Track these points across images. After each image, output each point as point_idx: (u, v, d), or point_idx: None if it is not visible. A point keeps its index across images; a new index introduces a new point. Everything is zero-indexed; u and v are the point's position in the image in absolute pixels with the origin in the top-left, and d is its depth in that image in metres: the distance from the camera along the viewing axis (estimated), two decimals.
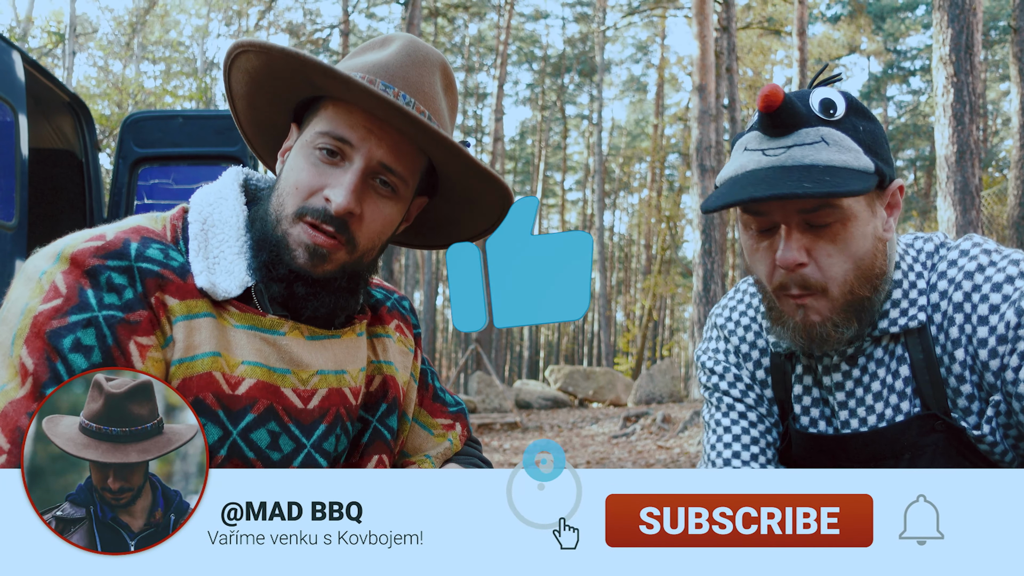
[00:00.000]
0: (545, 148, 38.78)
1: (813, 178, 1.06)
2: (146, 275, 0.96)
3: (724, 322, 1.39)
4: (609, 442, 9.42)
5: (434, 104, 1.08)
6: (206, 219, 1.06)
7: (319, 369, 1.07)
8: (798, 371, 1.29)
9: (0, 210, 4.20)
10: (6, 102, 4.24)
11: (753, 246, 1.18)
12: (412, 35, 1.11)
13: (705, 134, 10.57)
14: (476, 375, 15.07)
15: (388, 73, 1.04)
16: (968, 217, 6.84)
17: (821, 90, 1.15)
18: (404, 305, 1.31)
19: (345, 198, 1.00)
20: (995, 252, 1.17)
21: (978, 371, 1.14)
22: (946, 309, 1.16)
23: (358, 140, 1.01)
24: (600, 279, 29.51)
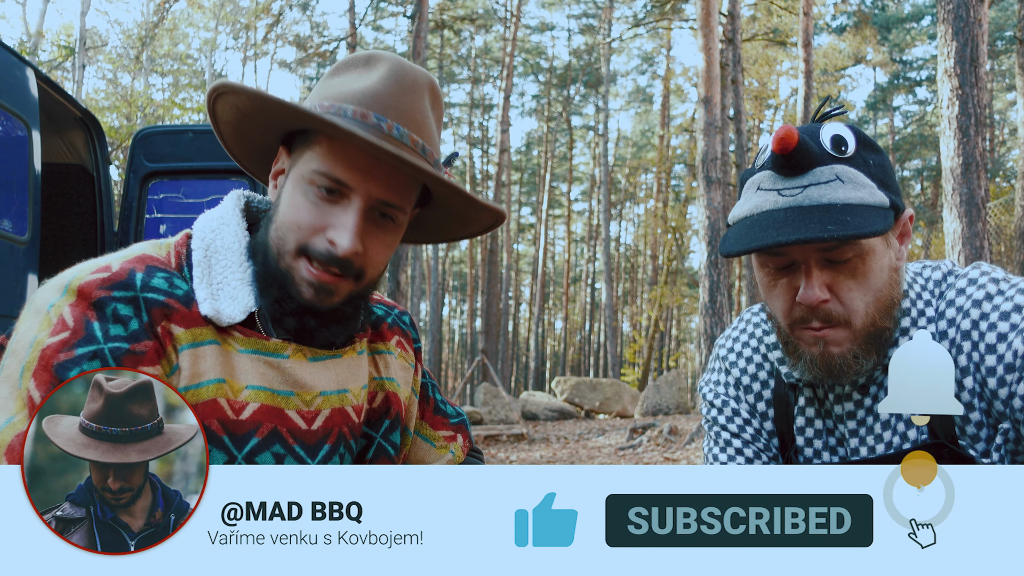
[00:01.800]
0: (551, 159, 38.84)
1: (834, 219, 1.06)
2: (151, 305, 0.99)
3: (726, 354, 1.40)
4: (616, 454, 9.41)
5: (425, 129, 1.08)
6: (209, 245, 1.07)
7: (322, 390, 1.09)
8: (800, 403, 1.29)
9: (14, 225, 4.25)
10: (20, 118, 4.30)
11: (770, 283, 1.19)
12: (395, 56, 1.11)
13: (711, 146, 10.59)
14: (482, 386, 15.07)
15: (380, 104, 1.04)
16: (974, 229, 6.83)
17: (830, 126, 1.16)
18: (404, 320, 1.33)
19: (350, 242, 1.01)
20: (1003, 281, 1.18)
21: (987, 399, 1.14)
22: (954, 337, 1.17)
23: (357, 182, 1.02)
24: (606, 289, 29.46)
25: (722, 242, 1.16)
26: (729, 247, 1.13)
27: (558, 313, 49.80)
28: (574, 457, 9.34)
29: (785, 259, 1.15)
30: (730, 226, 1.20)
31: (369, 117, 1.03)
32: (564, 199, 44.58)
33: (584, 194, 46.11)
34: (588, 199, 43.91)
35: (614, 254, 42.51)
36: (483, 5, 31.34)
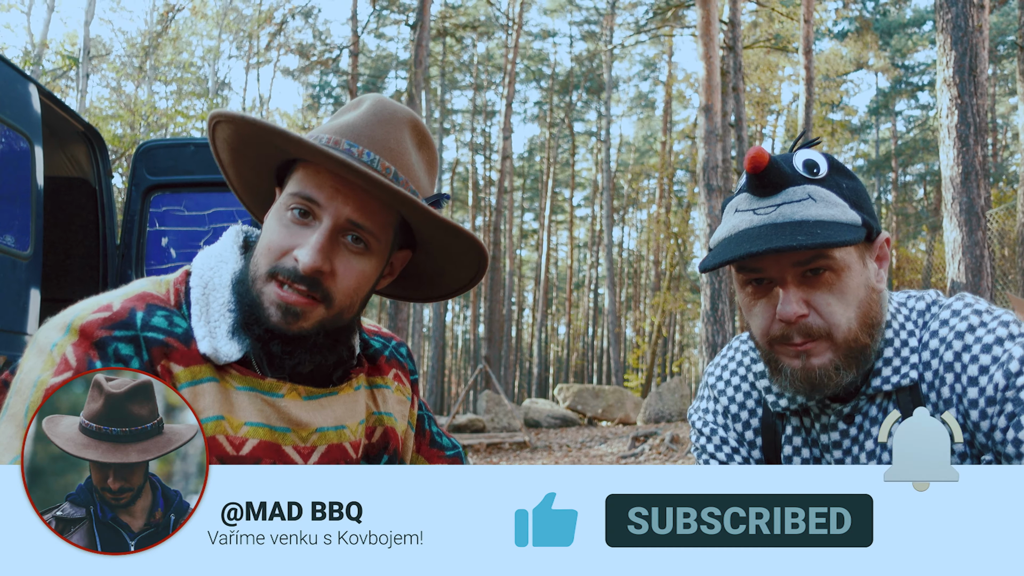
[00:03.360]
0: (553, 165, 38.88)
1: (805, 231, 1.09)
2: (151, 344, 1.00)
3: (715, 381, 1.41)
4: (617, 463, 9.41)
5: (403, 160, 1.09)
6: (207, 283, 1.09)
7: (318, 427, 1.10)
8: (788, 431, 1.31)
9: (16, 240, 4.27)
10: (23, 134, 4.33)
11: (750, 303, 1.21)
12: (382, 95, 1.14)
13: (711, 154, 10.61)
14: (485, 393, 15.08)
15: (354, 133, 1.07)
16: (974, 238, 6.84)
17: (803, 152, 1.19)
18: (402, 352, 1.34)
19: (311, 256, 1.02)
20: (986, 313, 1.19)
21: (969, 430, 1.16)
22: (937, 368, 1.19)
23: (325, 200, 1.04)
24: (609, 295, 29.46)
25: (702, 261, 1.20)
26: (706, 263, 1.17)
27: (561, 319, 49.77)
28: (576, 464, 9.34)
29: (763, 276, 1.17)
30: (710, 249, 1.22)
31: (341, 143, 1.06)
32: (567, 204, 44.60)
33: (587, 199, 46.13)
34: (591, 204, 43.93)
35: (617, 259, 42.50)
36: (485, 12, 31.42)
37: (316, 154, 1.00)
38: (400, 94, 29.58)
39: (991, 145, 28.06)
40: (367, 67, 35.96)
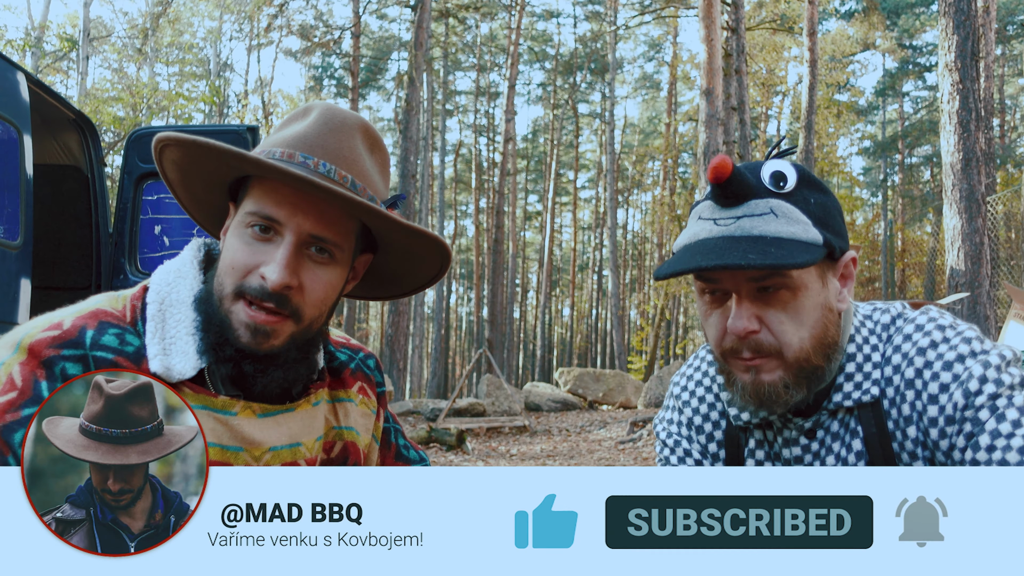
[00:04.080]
0: (557, 146, 38.72)
1: (759, 249, 1.07)
2: (100, 364, 0.99)
3: (679, 392, 1.40)
4: (616, 447, 9.43)
5: (357, 166, 1.09)
6: (164, 299, 1.08)
7: (271, 446, 1.09)
8: (751, 445, 1.30)
9: (5, 230, 4.26)
10: (11, 123, 4.31)
11: (706, 311, 1.20)
12: (329, 103, 1.13)
13: (712, 138, 10.53)
14: (486, 377, 15.11)
15: (306, 144, 1.06)
16: (974, 225, 6.79)
17: (773, 162, 1.16)
18: (369, 364, 1.33)
19: (279, 274, 1.01)
20: (949, 328, 1.17)
21: (930, 448, 1.15)
22: (898, 384, 1.17)
23: (285, 217, 1.03)
24: (612, 277, 29.43)
25: (657, 268, 1.18)
26: (661, 271, 1.14)
27: (565, 300, 49.81)
28: (574, 451, 9.37)
29: (719, 287, 1.15)
30: (673, 253, 1.20)
31: (296, 156, 1.05)
32: (571, 186, 44.49)
33: (591, 181, 46.02)
34: (595, 186, 43.82)
35: (621, 242, 42.43)
36: None
37: (274, 172, 0.99)
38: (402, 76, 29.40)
39: (998, 127, 27.82)
40: (369, 48, 35.76)
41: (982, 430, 1.07)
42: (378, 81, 38.23)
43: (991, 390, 1.09)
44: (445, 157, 36.75)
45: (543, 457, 8.85)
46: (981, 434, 1.07)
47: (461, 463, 8.18)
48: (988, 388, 1.09)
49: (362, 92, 35.95)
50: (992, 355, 1.12)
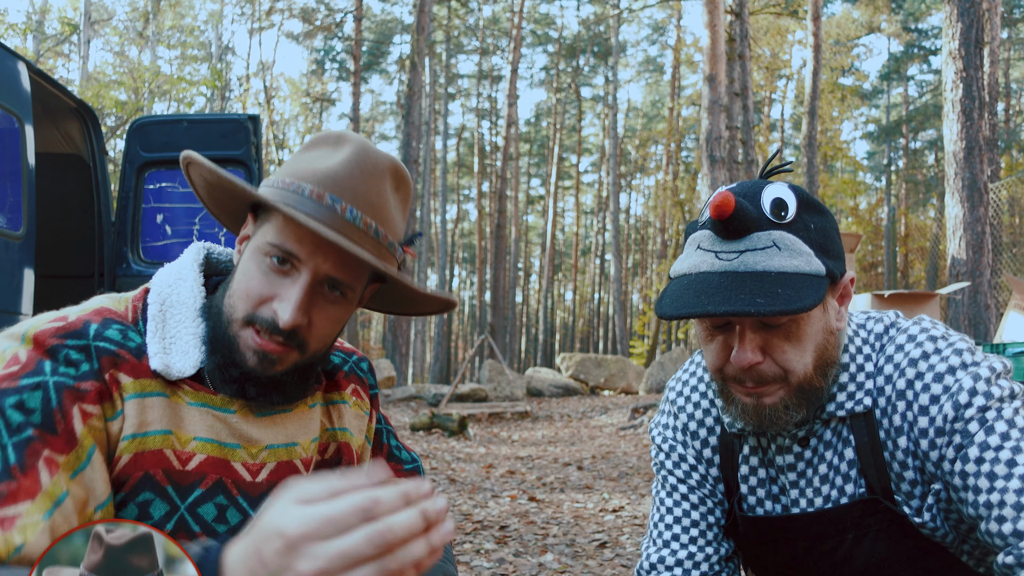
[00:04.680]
0: (560, 130, 38.57)
1: (766, 291, 1.07)
2: (102, 353, 1.02)
3: (675, 397, 1.41)
4: (617, 434, 9.47)
5: (383, 213, 1.10)
6: (164, 300, 1.10)
7: (268, 444, 1.12)
8: (745, 451, 1.31)
9: (8, 220, 4.27)
10: (12, 113, 4.30)
11: (706, 338, 1.20)
12: (364, 139, 1.13)
13: (715, 124, 10.48)
14: (488, 363, 15.16)
15: (337, 185, 1.06)
16: (976, 214, 6.78)
17: (772, 188, 1.15)
18: (362, 367, 1.35)
19: (291, 315, 1.03)
20: (941, 339, 1.18)
21: (920, 458, 1.16)
22: (890, 395, 1.18)
23: (306, 255, 1.04)
24: (615, 262, 29.42)
25: (659, 301, 1.17)
26: (664, 309, 1.13)
27: (568, 285, 49.79)
28: (575, 437, 9.41)
29: (720, 319, 1.16)
30: (671, 279, 1.20)
31: (325, 198, 1.05)
32: (573, 170, 44.35)
33: (593, 165, 45.85)
34: (597, 170, 43.66)
35: (624, 226, 42.36)
36: None
37: (301, 221, 1.00)
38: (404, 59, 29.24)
39: (1003, 112, 27.64)
40: (371, 31, 35.55)
41: (971, 442, 1.08)
42: (380, 64, 38.04)
43: (980, 403, 1.10)
44: (447, 141, 36.65)
45: (544, 443, 8.90)
46: (970, 446, 1.08)
47: (463, 449, 8.22)
48: (978, 400, 1.10)
49: (364, 75, 35.77)
50: (983, 367, 1.13)
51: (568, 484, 5.98)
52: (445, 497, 0.75)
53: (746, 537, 1.33)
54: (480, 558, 3.73)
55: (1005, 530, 1.03)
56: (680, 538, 1.32)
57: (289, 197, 1.05)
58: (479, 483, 6.03)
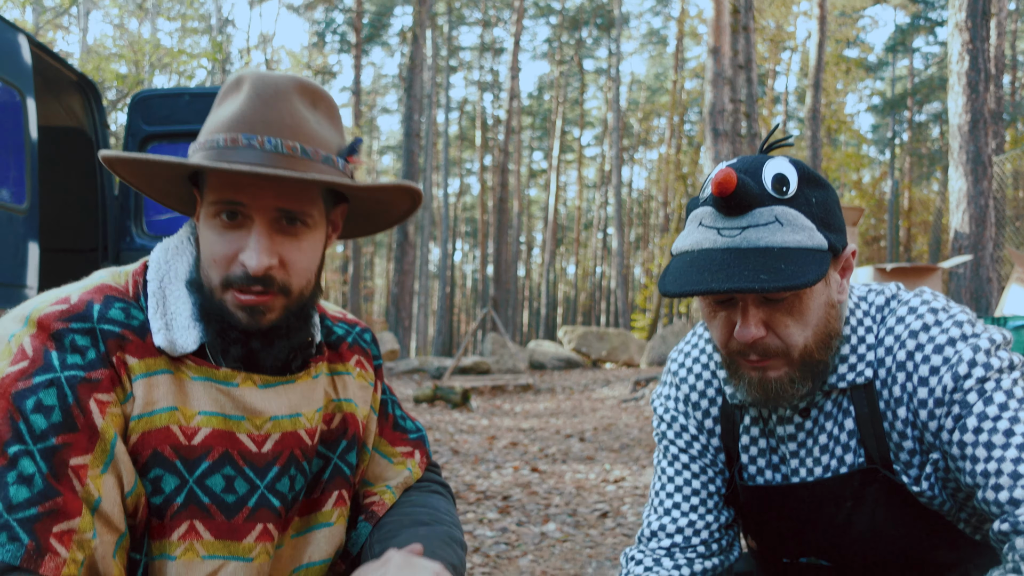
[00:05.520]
0: (563, 103, 38.30)
1: (769, 267, 1.08)
2: (107, 336, 1.02)
3: (677, 368, 1.42)
4: (618, 406, 9.53)
5: (303, 130, 1.08)
6: (163, 276, 1.11)
7: (272, 415, 1.13)
8: (746, 422, 1.33)
9: (12, 194, 4.28)
10: (13, 86, 4.29)
11: (710, 313, 1.21)
12: (260, 70, 1.12)
13: (719, 97, 10.41)
14: (490, 336, 15.20)
15: (246, 123, 1.05)
16: (979, 188, 6.76)
17: (773, 163, 1.15)
18: (365, 338, 1.36)
19: (257, 259, 1.03)
20: (942, 311, 1.19)
21: (919, 428, 1.18)
22: (890, 366, 1.20)
23: (249, 199, 1.04)
24: (617, 236, 29.36)
25: (662, 278, 1.18)
26: (668, 287, 1.14)
27: (570, 258, 49.75)
28: (577, 409, 9.47)
29: (723, 295, 1.17)
30: (673, 256, 1.21)
31: (239, 140, 1.05)
32: (576, 144, 44.11)
33: (596, 139, 45.59)
34: (600, 144, 43.43)
35: (626, 200, 42.21)
36: None
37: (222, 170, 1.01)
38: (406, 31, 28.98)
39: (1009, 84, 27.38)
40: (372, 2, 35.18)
41: (970, 412, 1.10)
42: (382, 37, 37.70)
43: (980, 373, 1.11)
44: (449, 114, 36.42)
45: (546, 416, 8.96)
46: (968, 416, 1.10)
47: (466, 421, 8.28)
48: (977, 372, 1.12)
49: (365, 48, 35.48)
50: (982, 339, 1.15)
51: (570, 455, 6.04)
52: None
53: (746, 506, 1.35)
54: (483, 527, 3.78)
55: (1001, 498, 1.05)
56: (681, 506, 1.35)
57: (209, 154, 1.05)
58: (482, 454, 6.09)
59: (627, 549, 1.39)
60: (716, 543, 1.34)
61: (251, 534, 1.09)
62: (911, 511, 1.23)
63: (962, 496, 1.19)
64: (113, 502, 0.98)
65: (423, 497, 1.32)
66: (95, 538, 0.95)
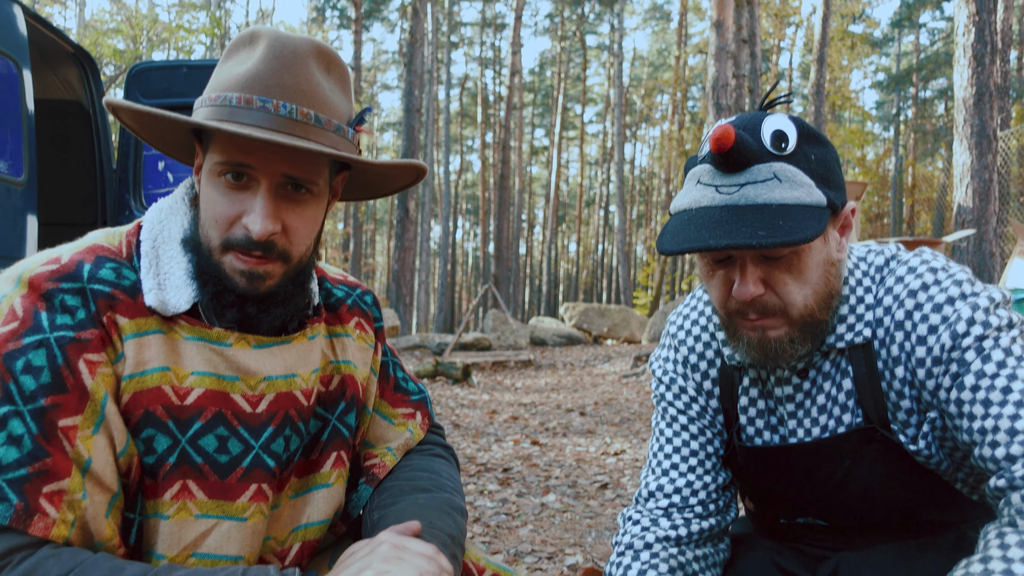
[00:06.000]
0: (564, 80, 38.03)
1: (767, 223, 1.06)
2: (98, 296, 1.02)
3: (676, 331, 1.42)
4: (619, 381, 9.55)
5: (317, 97, 1.07)
6: (156, 236, 1.10)
7: (267, 375, 1.12)
8: (745, 383, 1.33)
9: (10, 166, 4.26)
10: (9, 58, 4.25)
11: (708, 273, 1.20)
12: (277, 30, 1.09)
13: (722, 72, 10.32)
14: (491, 312, 15.21)
15: (261, 84, 1.04)
16: (984, 162, 6.71)
17: (772, 120, 1.14)
18: (366, 300, 1.35)
19: (261, 225, 1.03)
20: (941, 271, 1.18)
21: (917, 387, 1.17)
22: (889, 326, 1.19)
23: (258, 162, 1.03)
24: (619, 213, 29.29)
25: (660, 236, 1.17)
26: (665, 245, 1.13)
27: (571, 236, 49.68)
28: (578, 384, 9.50)
29: (721, 253, 1.16)
30: (671, 215, 1.20)
31: (253, 102, 1.03)
32: (578, 121, 43.87)
33: (598, 116, 45.36)
34: (602, 121, 43.20)
35: (628, 177, 42.05)
36: None
37: (236, 134, 0.99)
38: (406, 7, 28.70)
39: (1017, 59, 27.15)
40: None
41: (967, 370, 1.09)
42: (382, 12, 37.38)
43: (978, 332, 1.10)
44: (450, 91, 36.20)
45: (547, 391, 8.98)
46: (966, 374, 1.09)
47: (467, 396, 8.31)
48: (975, 330, 1.11)
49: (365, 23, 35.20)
50: (981, 297, 1.14)
51: (570, 429, 6.06)
52: None
53: (744, 466, 1.35)
54: (484, 498, 3.80)
55: (998, 454, 1.04)
56: (679, 467, 1.35)
57: (220, 112, 1.03)
58: (483, 428, 6.11)
59: (624, 510, 1.39)
60: (713, 503, 1.34)
61: (245, 494, 1.08)
62: (908, 471, 1.23)
63: (959, 455, 1.19)
64: (104, 462, 0.97)
65: (425, 461, 1.32)
66: (85, 498, 0.94)
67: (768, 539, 1.42)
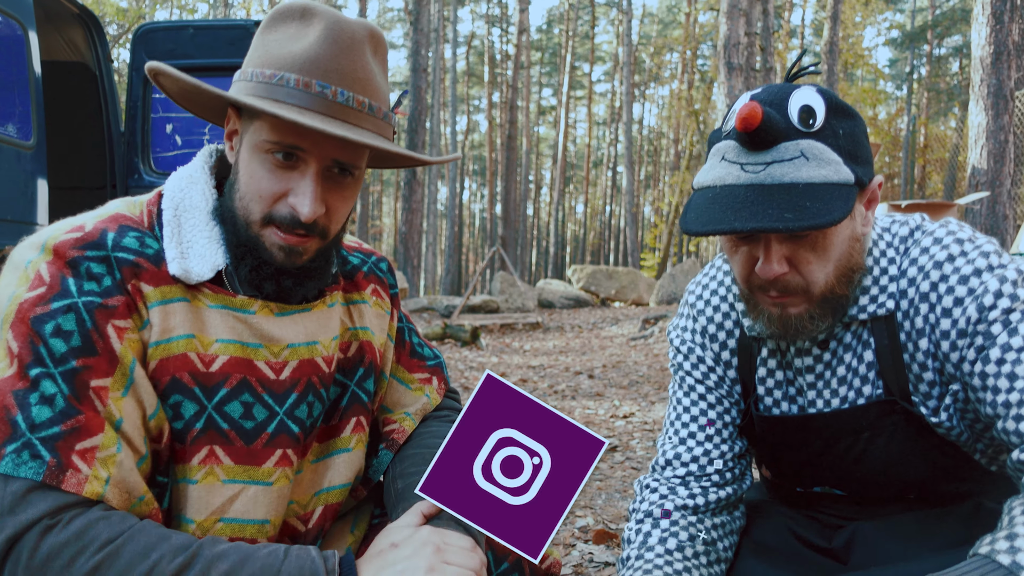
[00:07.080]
0: (572, 38, 37.51)
1: (794, 204, 1.05)
2: (122, 264, 1.03)
3: (695, 300, 1.42)
4: (627, 344, 9.58)
5: (371, 86, 1.08)
6: (178, 205, 1.11)
7: (290, 343, 1.14)
8: (763, 354, 1.32)
9: (18, 130, 4.24)
10: (14, 18, 4.21)
11: (731, 247, 1.20)
12: (331, 9, 1.09)
13: (733, 29, 10.15)
14: (499, 275, 15.22)
15: (321, 69, 1.04)
16: (1000, 122, 6.62)
17: (800, 94, 1.11)
18: (381, 267, 1.37)
19: (311, 207, 1.04)
20: (967, 242, 1.17)
21: (940, 360, 1.17)
22: (913, 297, 1.18)
23: (310, 145, 1.04)
24: (627, 174, 29.10)
25: (684, 215, 1.15)
26: (690, 225, 1.12)
27: (579, 197, 49.45)
28: (586, 347, 9.53)
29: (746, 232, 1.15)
30: (695, 191, 1.18)
31: (312, 86, 1.04)
32: (586, 80, 43.37)
33: (606, 75, 44.84)
34: (610, 80, 42.68)
35: (636, 137, 41.70)
36: None
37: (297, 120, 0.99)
38: None
39: None
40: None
41: (993, 343, 1.09)
42: None
43: (1005, 304, 1.09)
44: (457, 49, 35.76)
45: (555, 353, 9.02)
46: (992, 347, 1.08)
47: (475, 358, 8.36)
48: (1003, 303, 1.09)
49: None
50: (1009, 270, 1.12)
51: (579, 392, 6.10)
52: None
53: (762, 436, 1.35)
54: None
55: (1022, 428, 1.04)
56: (696, 436, 1.35)
57: (276, 91, 1.03)
58: None
59: (641, 477, 1.40)
60: (730, 472, 1.35)
61: (270, 459, 1.10)
62: (927, 442, 1.23)
63: (980, 427, 1.19)
64: (134, 425, 0.99)
65: (443, 428, 1.34)
66: (120, 451, 0.96)
67: (784, 507, 1.43)
